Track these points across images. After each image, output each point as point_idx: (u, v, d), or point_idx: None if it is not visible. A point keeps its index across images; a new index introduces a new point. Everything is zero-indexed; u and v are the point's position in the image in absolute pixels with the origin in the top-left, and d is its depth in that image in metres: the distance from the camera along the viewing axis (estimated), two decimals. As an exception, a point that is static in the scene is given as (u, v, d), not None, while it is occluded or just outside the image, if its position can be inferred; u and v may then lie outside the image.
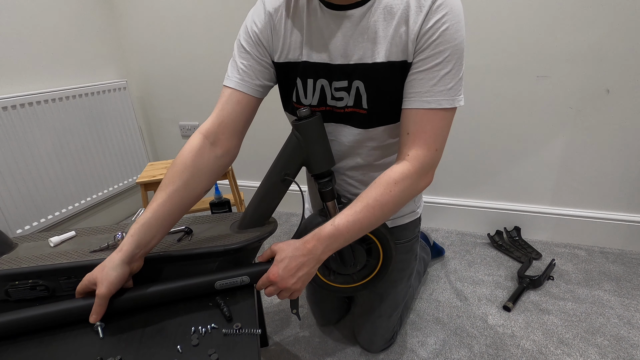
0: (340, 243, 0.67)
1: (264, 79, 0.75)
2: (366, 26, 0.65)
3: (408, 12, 0.62)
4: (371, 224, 0.67)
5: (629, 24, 1.26)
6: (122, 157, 2.01)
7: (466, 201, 1.73)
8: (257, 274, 0.66)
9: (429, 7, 0.61)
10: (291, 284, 0.65)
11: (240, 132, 0.76)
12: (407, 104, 0.67)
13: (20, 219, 1.54)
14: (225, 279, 0.64)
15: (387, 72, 0.66)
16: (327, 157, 0.72)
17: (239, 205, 1.51)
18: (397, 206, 0.68)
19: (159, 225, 0.66)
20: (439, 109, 0.65)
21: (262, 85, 0.75)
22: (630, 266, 1.42)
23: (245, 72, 0.73)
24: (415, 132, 0.66)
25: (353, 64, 0.68)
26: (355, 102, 0.71)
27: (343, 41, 0.67)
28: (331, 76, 0.70)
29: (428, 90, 0.64)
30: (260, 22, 0.72)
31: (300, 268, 0.65)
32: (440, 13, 0.61)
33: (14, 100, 1.48)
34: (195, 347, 0.56)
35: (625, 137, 1.40)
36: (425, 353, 1.10)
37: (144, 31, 1.98)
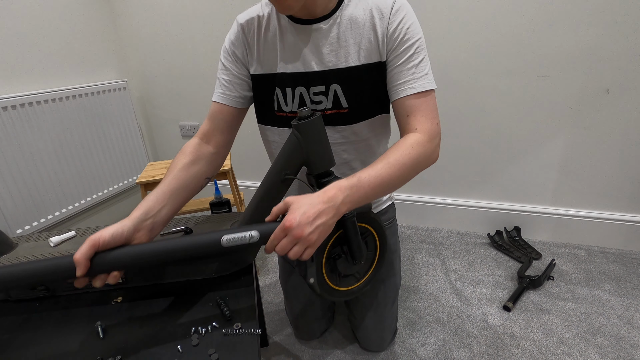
0: (360, 196, 0.65)
1: (243, 90, 0.84)
2: (335, 36, 0.75)
3: (373, 21, 0.73)
4: (392, 181, 0.68)
5: (629, 24, 1.26)
6: (122, 157, 2.01)
7: (466, 201, 1.73)
8: (267, 231, 0.61)
9: (389, 13, 0.72)
10: (307, 234, 0.58)
11: (230, 134, 0.86)
12: (398, 94, 0.75)
13: (20, 219, 1.54)
14: (232, 234, 0.59)
15: (362, 73, 0.75)
16: (327, 157, 0.72)
17: (239, 205, 1.51)
18: (414, 170, 0.72)
19: (167, 197, 0.68)
20: (425, 91, 0.74)
21: (243, 97, 0.85)
22: (630, 266, 1.42)
23: (226, 87, 0.82)
24: (414, 113, 0.74)
25: (329, 70, 0.76)
26: (333, 104, 0.79)
27: (316, 50, 0.76)
28: (309, 83, 0.77)
29: (411, 79, 0.73)
30: (235, 38, 0.81)
31: (319, 216, 0.60)
32: (400, 16, 0.72)
33: (14, 100, 1.48)
34: (195, 347, 0.56)
35: (625, 137, 1.40)
36: (425, 353, 1.10)
37: (144, 31, 1.98)
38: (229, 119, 0.84)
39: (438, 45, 1.50)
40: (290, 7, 0.67)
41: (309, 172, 0.75)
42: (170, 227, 0.79)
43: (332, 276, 0.81)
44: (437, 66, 1.53)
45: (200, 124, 2.08)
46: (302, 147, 0.69)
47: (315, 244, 0.61)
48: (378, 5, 0.73)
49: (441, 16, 1.46)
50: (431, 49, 1.50)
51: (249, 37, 0.80)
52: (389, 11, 0.72)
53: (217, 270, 0.73)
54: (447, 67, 1.52)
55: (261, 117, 0.90)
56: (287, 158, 0.72)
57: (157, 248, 0.58)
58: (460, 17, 1.43)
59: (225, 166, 1.44)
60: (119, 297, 0.69)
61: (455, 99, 1.56)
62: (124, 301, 0.68)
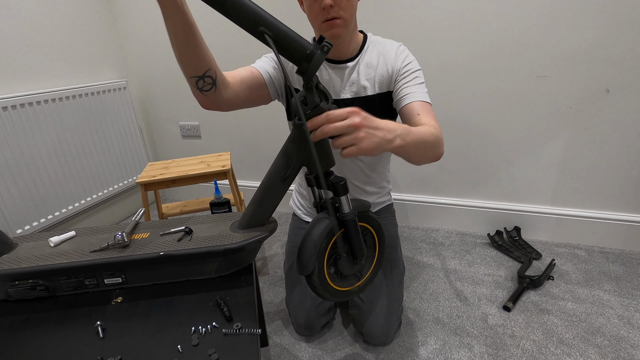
0: (410, 141, 0.70)
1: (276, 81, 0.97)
2: (356, 75, 0.98)
3: (386, 61, 0.96)
4: (425, 144, 0.76)
5: (629, 24, 1.26)
6: (122, 157, 2.01)
7: (466, 201, 1.73)
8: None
9: (395, 52, 0.97)
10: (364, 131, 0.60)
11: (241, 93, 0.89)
12: (408, 99, 0.91)
13: (20, 219, 1.54)
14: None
15: (377, 100, 0.98)
16: (327, 157, 0.72)
17: (239, 205, 1.51)
18: (432, 149, 0.79)
19: None
20: (427, 103, 0.91)
21: (273, 85, 0.97)
22: (630, 266, 1.42)
23: (267, 66, 0.96)
24: (423, 113, 0.87)
25: (351, 98, 0.99)
26: None
27: (344, 84, 0.99)
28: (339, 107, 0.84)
29: (416, 92, 0.92)
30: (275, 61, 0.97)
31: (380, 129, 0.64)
32: (404, 55, 0.96)
33: (14, 100, 1.48)
34: (195, 347, 0.56)
35: (625, 137, 1.40)
36: (425, 353, 1.10)
37: (144, 31, 1.98)
38: (254, 84, 0.91)
39: (438, 45, 1.50)
40: (338, 35, 0.87)
41: (309, 172, 0.75)
42: (170, 227, 0.79)
43: (333, 277, 0.81)
44: (438, 66, 1.53)
45: (200, 124, 2.08)
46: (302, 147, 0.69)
47: (361, 147, 0.61)
48: (385, 52, 0.97)
49: (441, 16, 1.46)
50: (432, 50, 1.51)
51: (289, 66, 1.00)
52: (394, 51, 0.96)
53: (217, 270, 0.73)
54: (447, 67, 1.52)
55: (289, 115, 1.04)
56: (287, 158, 0.72)
57: None
58: (460, 17, 1.43)
59: (225, 166, 1.44)
60: (119, 297, 0.69)
61: (455, 99, 1.56)
62: (124, 301, 0.68)
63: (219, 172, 1.42)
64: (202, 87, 0.75)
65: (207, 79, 0.74)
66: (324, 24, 0.86)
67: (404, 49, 0.98)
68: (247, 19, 0.57)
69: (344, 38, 0.90)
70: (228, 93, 0.83)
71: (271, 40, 0.57)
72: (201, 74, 0.72)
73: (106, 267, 0.69)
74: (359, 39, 0.99)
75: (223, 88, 0.80)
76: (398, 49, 0.97)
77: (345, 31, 0.88)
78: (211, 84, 0.75)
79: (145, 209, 1.19)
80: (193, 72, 0.72)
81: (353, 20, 0.91)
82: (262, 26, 0.57)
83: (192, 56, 0.69)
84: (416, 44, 1.51)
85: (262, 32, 0.57)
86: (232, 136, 2.07)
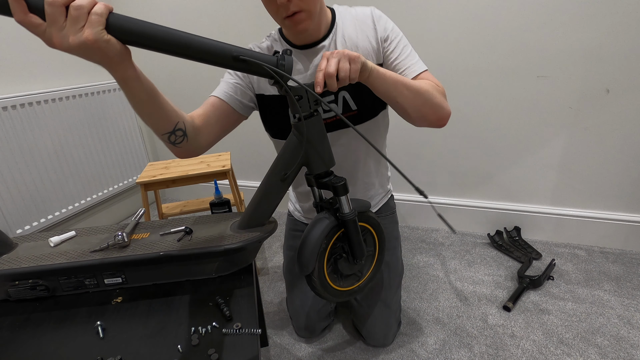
0: (382, 77, 0.72)
1: (245, 99, 0.90)
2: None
3: (366, 33, 0.87)
4: (409, 89, 0.76)
5: (629, 24, 1.26)
6: (122, 157, 2.01)
7: (466, 201, 1.73)
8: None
9: (372, 20, 0.87)
10: (354, 53, 0.65)
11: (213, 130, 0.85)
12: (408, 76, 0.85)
13: (20, 219, 1.54)
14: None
15: None
16: (327, 157, 0.72)
17: (239, 205, 1.51)
18: (426, 100, 0.79)
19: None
20: (423, 72, 0.86)
21: (244, 105, 0.90)
22: (630, 266, 1.42)
23: (232, 88, 0.88)
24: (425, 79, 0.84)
25: None
26: (343, 108, 0.90)
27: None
28: (320, 95, 0.83)
29: (412, 64, 0.86)
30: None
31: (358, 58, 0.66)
32: (382, 20, 0.87)
33: (14, 100, 1.48)
34: (195, 347, 0.56)
35: (625, 137, 1.40)
36: (425, 353, 1.10)
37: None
38: (222, 115, 0.86)
39: (438, 45, 1.50)
40: (305, 29, 0.79)
41: (308, 172, 0.75)
42: (170, 227, 0.79)
43: (333, 277, 0.81)
44: (437, 66, 1.53)
45: (200, 124, 2.08)
46: (302, 147, 0.69)
47: (359, 62, 0.66)
48: (360, 21, 0.88)
49: (441, 16, 1.46)
50: (431, 50, 1.51)
51: None
52: (370, 19, 0.87)
53: (217, 270, 0.73)
54: (447, 67, 1.52)
55: (276, 133, 0.96)
56: (287, 158, 0.72)
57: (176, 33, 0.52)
58: (460, 17, 1.43)
59: (225, 166, 1.44)
60: (119, 297, 0.69)
61: (455, 99, 1.56)
62: (124, 301, 0.68)
63: (219, 172, 1.42)
64: (174, 141, 0.72)
65: (178, 132, 0.72)
66: (287, 21, 0.77)
67: (379, 15, 0.88)
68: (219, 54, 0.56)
69: (312, 27, 0.82)
70: (201, 138, 0.80)
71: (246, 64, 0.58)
72: (171, 130, 0.70)
73: (106, 267, 0.69)
74: (328, 17, 0.88)
75: (195, 135, 0.77)
76: (373, 15, 0.87)
77: (311, 23, 0.79)
78: (182, 136, 0.73)
79: (145, 209, 1.19)
80: (163, 129, 0.69)
81: (318, 6, 0.81)
82: (234, 53, 0.57)
83: (160, 116, 0.67)
84: (416, 44, 1.50)
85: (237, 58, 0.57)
86: (232, 136, 2.06)
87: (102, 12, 0.45)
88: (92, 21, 0.45)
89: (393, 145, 1.74)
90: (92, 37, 0.45)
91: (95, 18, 0.45)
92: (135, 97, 0.59)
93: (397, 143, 1.73)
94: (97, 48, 0.46)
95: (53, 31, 0.45)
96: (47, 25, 0.45)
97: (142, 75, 0.59)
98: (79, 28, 0.45)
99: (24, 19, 0.44)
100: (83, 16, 0.45)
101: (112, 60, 0.50)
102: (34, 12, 0.44)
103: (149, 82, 0.61)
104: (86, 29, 0.45)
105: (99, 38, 0.45)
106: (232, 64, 0.58)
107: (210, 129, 0.83)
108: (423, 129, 1.66)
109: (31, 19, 0.44)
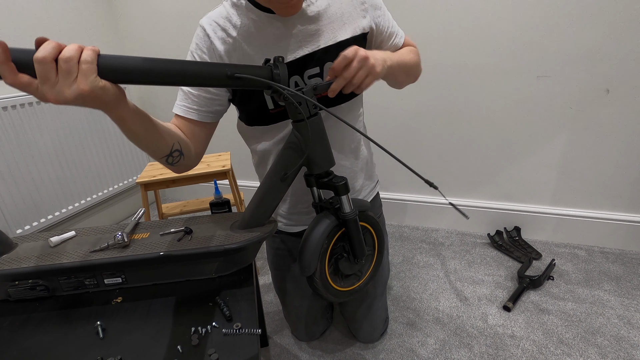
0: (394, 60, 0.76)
1: (215, 104, 0.79)
2: (317, 15, 0.76)
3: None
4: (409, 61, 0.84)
5: (629, 24, 1.26)
6: (122, 157, 2.01)
7: (466, 201, 1.73)
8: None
9: None
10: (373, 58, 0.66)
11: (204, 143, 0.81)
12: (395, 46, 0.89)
13: (20, 219, 1.54)
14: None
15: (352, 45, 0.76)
16: (327, 156, 0.72)
17: (239, 205, 1.51)
18: (416, 62, 0.89)
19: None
20: (405, 37, 0.92)
21: (214, 111, 0.79)
22: (630, 266, 1.42)
23: (194, 100, 0.77)
24: (406, 45, 0.93)
25: (321, 49, 0.77)
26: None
27: (303, 34, 0.76)
28: (303, 68, 0.78)
29: (397, 32, 0.89)
30: (202, 44, 0.75)
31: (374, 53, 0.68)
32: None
33: (14, 100, 1.48)
34: (195, 347, 0.56)
35: (625, 137, 1.40)
36: (425, 353, 1.10)
37: (144, 31, 1.98)
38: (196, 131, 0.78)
39: (438, 45, 1.50)
40: (296, 11, 0.70)
41: (309, 173, 0.75)
42: (170, 227, 0.79)
43: (334, 277, 0.81)
44: (437, 66, 1.52)
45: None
46: (302, 147, 0.69)
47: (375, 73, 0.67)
48: None
49: (441, 16, 1.46)
50: (431, 49, 1.51)
51: (218, 41, 0.75)
52: None
53: (217, 270, 0.73)
54: (447, 67, 1.52)
55: (252, 120, 0.86)
56: (287, 158, 0.72)
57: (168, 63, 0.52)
58: (460, 17, 1.43)
59: (225, 166, 1.44)
60: (119, 297, 0.69)
61: (455, 99, 1.56)
62: (124, 301, 0.68)
63: (219, 172, 1.42)
64: (172, 162, 0.71)
65: (175, 152, 0.70)
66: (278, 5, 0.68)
67: None
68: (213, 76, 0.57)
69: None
70: (194, 151, 0.77)
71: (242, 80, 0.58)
72: (168, 152, 0.68)
73: (106, 267, 0.69)
74: None
75: (189, 151, 0.75)
76: None
77: (302, 2, 0.72)
78: (179, 155, 0.71)
79: (145, 209, 1.19)
80: (161, 153, 0.67)
81: None
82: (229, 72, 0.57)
83: (156, 144, 0.65)
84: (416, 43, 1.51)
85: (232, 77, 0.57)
86: (232, 136, 2.06)
87: (92, 59, 0.44)
88: (84, 71, 0.43)
89: (393, 145, 1.74)
90: (87, 87, 0.44)
91: (87, 67, 0.43)
92: (132, 132, 0.58)
93: (397, 143, 1.73)
94: (93, 97, 0.45)
95: (46, 89, 0.43)
96: (40, 84, 0.43)
97: (137, 109, 0.57)
98: (72, 80, 0.43)
99: (14, 80, 0.42)
100: (74, 67, 0.43)
101: (109, 104, 0.49)
102: (23, 70, 0.43)
103: (143, 114, 0.59)
104: (80, 80, 0.43)
105: (94, 86, 0.44)
106: (227, 82, 0.57)
107: (197, 140, 0.79)
108: (423, 130, 1.67)
109: (22, 79, 0.43)
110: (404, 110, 1.67)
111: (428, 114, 1.63)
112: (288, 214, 1.01)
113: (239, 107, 0.86)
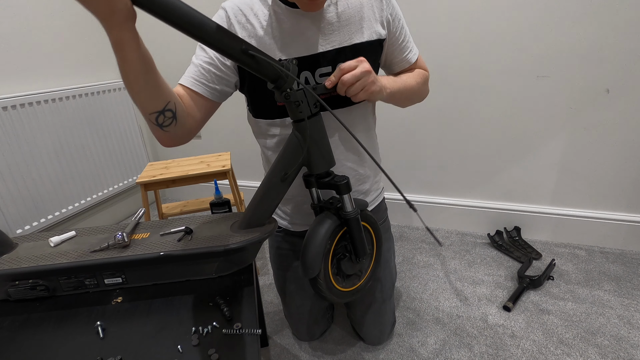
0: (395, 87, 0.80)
1: (222, 84, 0.79)
2: (335, 16, 0.77)
3: (372, 2, 0.79)
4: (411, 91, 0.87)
5: (629, 24, 1.26)
6: (122, 157, 2.01)
7: (466, 201, 1.73)
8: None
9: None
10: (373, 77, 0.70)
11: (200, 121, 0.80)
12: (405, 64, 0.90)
13: (20, 219, 1.54)
14: None
15: (367, 49, 0.80)
16: (327, 157, 0.73)
17: (239, 205, 1.51)
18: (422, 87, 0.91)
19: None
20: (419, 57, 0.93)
21: (220, 91, 0.80)
22: (630, 266, 1.42)
23: (204, 75, 0.77)
24: (418, 66, 0.94)
25: (335, 49, 0.78)
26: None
27: (320, 32, 0.77)
28: (315, 65, 0.78)
29: (411, 49, 0.89)
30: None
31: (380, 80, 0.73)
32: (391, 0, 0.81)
33: (14, 100, 1.48)
34: (195, 347, 0.56)
35: (625, 137, 1.40)
36: (425, 353, 1.10)
37: (144, 31, 1.97)
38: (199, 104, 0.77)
39: (438, 45, 1.50)
40: (321, 7, 0.72)
41: (309, 173, 0.75)
42: (170, 227, 0.79)
43: (336, 278, 0.81)
44: (437, 66, 1.52)
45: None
46: (302, 147, 0.69)
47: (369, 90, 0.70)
48: None
49: (441, 16, 1.46)
50: (431, 49, 1.51)
51: (237, 25, 0.77)
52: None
53: (217, 270, 0.73)
54: (447, 67, 1.52)
55: (260, 112, 0.85)
56: (287, 158, 0.72)
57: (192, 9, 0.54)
58: (460, 17, 1.43)
59: (225, 166, 1.44)
60: (119, 297, 0.69)
61: (455, 99, 1.56)
62: (124, 301, 0.68)
63: (219, 172, 1.42)
64: (162, 123, 0.66)
65: (168, 112, 0.65)
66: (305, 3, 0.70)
67: None
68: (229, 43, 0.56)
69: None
70: (188, 122, 0.73)
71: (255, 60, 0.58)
72: (161, 109, 0.64)
73: (106, 267, 0.69)
74: None
75: (184, 119, 0.71)
76: None
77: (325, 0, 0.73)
78: (171, 118, 0.67)
79: (145, 209, 1.19)
80: (152, 108, 0.63)
81: None
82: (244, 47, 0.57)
83: (151, 92, 0.61)
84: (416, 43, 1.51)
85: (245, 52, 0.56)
86: (232, 136, 2.06)
87: None
88: None
89: (393, 145, 1.74)
90: None
91: None
92: (129, 65, 0.55)
93: (397, 144, 1.73)
94: None
95: None
96: None
97: (142, 43, 0.54)
98: None
99: None
100: None
101: (116, 15, 0.46)
102: None
103: (146, 52, 0.56)
104: None
105: None
106: (238, 56, 0.57)
107: (195, 114, 0.77)
108: (423, 129, 1.67)
109: None
110: (404, 110, 1.66)
111: (428, 114, 1.63)
112: (293, 213, 1.00)
113: (247, 95, 0.86)
